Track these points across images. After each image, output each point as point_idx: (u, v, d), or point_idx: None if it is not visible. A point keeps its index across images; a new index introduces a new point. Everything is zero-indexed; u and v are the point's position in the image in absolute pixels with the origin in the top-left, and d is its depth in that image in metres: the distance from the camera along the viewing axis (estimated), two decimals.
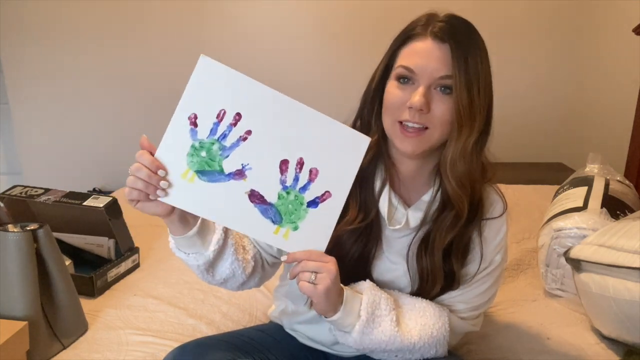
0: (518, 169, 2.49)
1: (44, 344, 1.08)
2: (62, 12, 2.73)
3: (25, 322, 1.01)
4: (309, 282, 0.74)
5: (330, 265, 0.75)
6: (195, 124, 0.71)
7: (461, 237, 0.84)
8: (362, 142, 0.76)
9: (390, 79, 0.80)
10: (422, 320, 0.83)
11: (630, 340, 1.08)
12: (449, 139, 0.78)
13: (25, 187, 1.48)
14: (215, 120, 0.71)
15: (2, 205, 1.42)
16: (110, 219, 1.39)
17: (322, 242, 0.77)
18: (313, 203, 0.76)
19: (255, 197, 0.74)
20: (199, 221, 0.77)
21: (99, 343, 1.14)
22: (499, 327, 1.21)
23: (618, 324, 1.07)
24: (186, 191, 0.72)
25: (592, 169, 1.64)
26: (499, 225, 0.88)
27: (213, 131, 0.71)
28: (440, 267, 0.84)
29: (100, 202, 1.38)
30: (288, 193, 0.75)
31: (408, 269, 0.87)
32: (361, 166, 0.81)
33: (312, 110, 0.73)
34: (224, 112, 0.71)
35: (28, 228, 1.07)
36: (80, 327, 1.18)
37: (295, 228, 0.76)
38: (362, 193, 0.84)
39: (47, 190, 1.46)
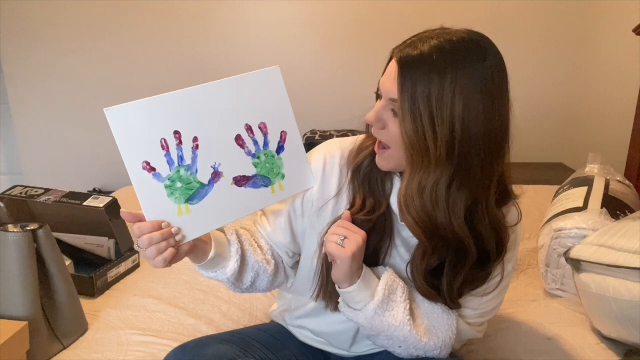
0: (518, 169, 2.47)
1: (44, 344, 1.08)
2: (62, 13, 2.73)
3: (25, 322, 1.01)
4: (336, 243, 0.78)
5: (359, 236, 0.79)
6: (152, 169, 0.72)
7: (473, 275, 0.81)
8: (273, 73, 0.80)
9: None
10: (430, 320, 0.84)
11: (630, 340, 1.08)
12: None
13: (25, 187, 1.48)
14: (164, 151, 0.72)
15: (2, 205, 1.42)
16: (110, 219, 1.40)
17: (307, 172, 0.86)
18: (280, 149, 0.82)
19: (239, 181, 0.79)
20: (213, 241, 0.81)
21: (99, 343, 1.14)
22: (499, 327, 1.21)
23: (618, 324, 1.07)
24: (192, 221, 0.75)
25: (592, 169, 1.65)
26: (514, 236, 0.86)
27: (170, 162, 0.73)
28: (428, 290, 0.83)
29: (100, 202, 1.38)
30: (258, 157, 0.80)
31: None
32: (361, 163, 0.84)
33: (219, 81, 0.75)
34: (165, 140, 0.72)
35: (28, 228, 1.07)
36: (80, 327, 1.18)
37: (283, 176, 0.83)
38: (363, 186, 0.85)
39: (47, 190, 1.46)
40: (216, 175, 0.77)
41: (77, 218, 1.45)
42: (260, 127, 0.80)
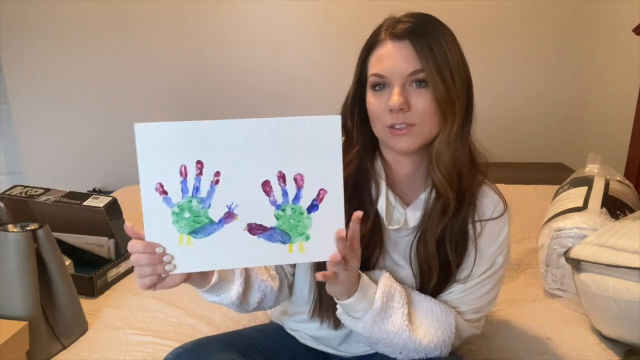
0: (518, 169, 2.49)
1: (44, 344, 1.08)
2: (62, 12, 2.73)
3: (25, 322, 1.02)
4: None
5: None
6: (164, 192, 0.69)
7: (452, 225, 0.84)
8: (332, 123, 0.69)
9: (367, 90, 0.82)
10: (429, 320, 0.84)
11: (630, 340, 1.08)
12: (439, 130, 0.79)
13: (25, 187, 1.49)
14: (181, 178, 0.69)
15: (2, 205, 1.42)
16: (110, 219, 1.40)
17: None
18: (313, 207, 0.72)
19: (254, 229, 0.71)
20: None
21: (99, 343, 1.14)
22: (499, 327, 1.21)
23: (618, 324, 1.07)
24: (190, 255, 0.71)
25: (592, 169, 1.64)
26: (500, 226, 0.87)
27: (184, 190, 0.69)
28: (434, 256, 0.84)
29: (100, 202, 1.38)
30: (284, 210, 0.71)
31: (412, 268, 0.87)
32: (347, 179, 0.81)
33: (264, 119, 0.68)
34: (185, 167, 0.68)
35: (28, 228, 1.07)
36: (80, 327, 1.18)
37: (307, 238, 0.72)
38: (352, 202, 0.83)
39: (47, 190, 1.46)
40: (229, 216, 0.71)
41: (77, 218, 1.45)
42: (295, 179, 0.70)
